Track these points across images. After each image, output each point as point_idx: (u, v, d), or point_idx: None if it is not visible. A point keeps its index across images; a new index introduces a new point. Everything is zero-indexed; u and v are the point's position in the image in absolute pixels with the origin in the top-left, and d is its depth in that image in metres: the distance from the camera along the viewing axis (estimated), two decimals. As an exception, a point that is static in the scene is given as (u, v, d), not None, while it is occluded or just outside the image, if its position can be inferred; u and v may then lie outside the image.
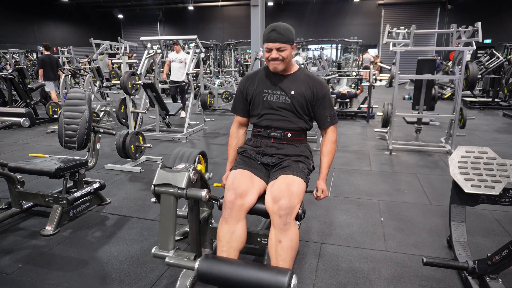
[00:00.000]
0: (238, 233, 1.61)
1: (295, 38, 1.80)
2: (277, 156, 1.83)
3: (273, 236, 1.58)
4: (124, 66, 4.06)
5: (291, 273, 1.38)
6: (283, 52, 1.72)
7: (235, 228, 1.61)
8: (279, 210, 1.57)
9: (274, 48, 1.71)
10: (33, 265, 2.05)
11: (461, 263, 1.74)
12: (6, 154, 4.51)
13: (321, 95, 1.83)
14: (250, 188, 1.68)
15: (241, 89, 1.94)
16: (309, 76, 1.86)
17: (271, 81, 1.85)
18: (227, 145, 2.03)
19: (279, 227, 1.56)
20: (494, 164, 1.98)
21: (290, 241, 1.56)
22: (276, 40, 1.70)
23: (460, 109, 4.36)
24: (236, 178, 1.72)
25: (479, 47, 10.28)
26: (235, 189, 1.65)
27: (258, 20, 10.64)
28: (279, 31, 1.70)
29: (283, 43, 1.70)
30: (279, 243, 1.55)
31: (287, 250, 1.55)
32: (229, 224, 1.62)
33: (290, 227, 1.57)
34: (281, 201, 1.58)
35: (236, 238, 1.61)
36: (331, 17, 19.61)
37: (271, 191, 1.66)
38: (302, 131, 1.88)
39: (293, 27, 1.77)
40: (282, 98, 1.81)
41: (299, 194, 1.65)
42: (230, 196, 1.64)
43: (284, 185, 1.65)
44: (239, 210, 1.62)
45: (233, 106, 2.01)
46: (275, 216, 1.58)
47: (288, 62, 1.79)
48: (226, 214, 1.64)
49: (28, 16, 19.14)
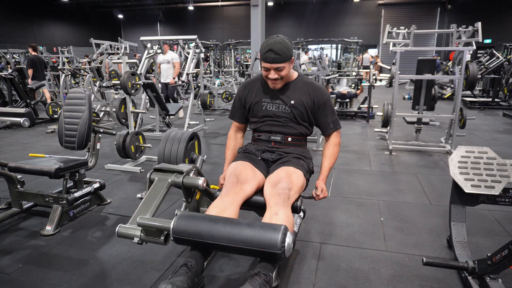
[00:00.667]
0: (229, 212, 1.51)
1: (293, 52, 1.74)
2: (277, 153, 1.83)
3: (268, 213, 1.51)
4: (124, 66, 4.06)
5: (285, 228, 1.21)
6: (282, 71, 1.70)
7: (228, 207, 1.53)
8: (278, 190, 1.54)
9: (272, 68, 1.68)
10: (33, 265, 2.05)
11: (461, 263, 1.74)
12: (6, 154, 4.51)
13: (322, 102, 1.81)
14: (251, 178, 1.67)
15: (240, 96, 1.93)
16: (308, 84, 1.83)
17: (270, 90, 1.82)
18: (225, 147, 2.04)
19: (277, 203, 1.50)
20: (494, 164, 1.98)
21: (287, 216, 1.48)
22: (274, 61, 1.65)
23: (460, 109, 4.36)
24: (238, 167, 1.71)
25: (479, 47, 10.28)
26: (237, 175, 1.64)
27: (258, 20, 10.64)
28: (276, 51, 1.64)
29: (280, 63, 1.66)
30: (275, 215, 1.47)
31: (283, 223, 1.42)
32: (224, 201, 1.55)
33: (287, 206, 1.53)
34: (280, 184, 1.57)
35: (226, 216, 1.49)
36: (331, 17, 19.59)
37: (271, 179, 1.65)
38: (302, 136, 1.88)
39: (293, 27, 1.76)
40: (281, 107, 1.80)
41: (298, 184, 1.64)
42: (232, 179, 1.62)
43: (284, 173, 1.65)
44: (237, 194, 1.59)
45: (231, 113, 2.01)
46: (273, 196, 1.53)
47: (287, 78, 1.77)
48: (223, 192, 1.60)
49: (28, 16, 19.13)
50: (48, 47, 16.20)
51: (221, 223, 1.23)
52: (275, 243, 1.16)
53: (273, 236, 1.16)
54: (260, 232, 1.18)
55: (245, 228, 1.20)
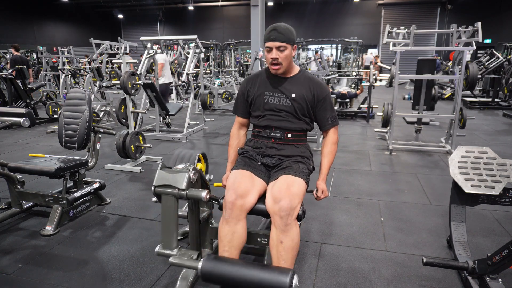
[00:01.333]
0: (239, 233, 1.62)
1: (296, 38, 1.78)
2: (277, 157, 1.83)
3: (274, 236, 1.59)
4: (124, 66, 4.06)
5: (293, 273, 1.40)
6: (283, 51, 1.72)
7: (235, 228, 1.62)
8: (280, 211, 1.57)
9: (274, 47, 1.71)
10: (33, 265, 2.05)
11: (461, 263, 1.74)
12: (6, 154, 4.51)
13: (322, 97, 1.83)
14: (250, 188, 1.68)
15: (243, 90, 1.95)
16: (309, 79, 1.85)
17: (272, 83, 1.84)
18: (228, 146, 2.04)
19: (280, 228, 1.57)
20: (494, 164, 1.98)
21: (292, 241, 1.57)
22: (276, 39, 1.69)
23: (460, 109, 4.36)
24: (236, 179, 1.72)
25: (479, 47, 10.28)
26: (236, 190, 1.65)
27: (258, 20, 10.65)
28: (279, 30, 1.69)
29: (283, 42, 1.70)
30: (281, 244, 1.56)
31: (288, 250, 1.56)
32: (230, 224, 1.63)
33: (291, 227, 1.57)
34: (281, 202, 1.58)
35: (237, 237, 1.62)
36: (331, 17, 19.60)
37: (272, 191, 1.66)
38: (302, 132, 1.88)
39: (293, 27, 1.77)
40: (282, 100, 1.81)
41: (299, 194, 1.65)
42: (230, 197, 1.64)
43: (285, 185, 1.65)
44: (240, 210, 1.63)
45: (234, 107, 2.02)
46: (276, 217, 1.58)
47: (288, 64, 1.78)
48: (226, 215, 1.64)
49: (28, 16, 19.13)
50: (48, 47, 16.20)
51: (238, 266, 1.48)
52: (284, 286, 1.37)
53: (281, 279, 1.38)
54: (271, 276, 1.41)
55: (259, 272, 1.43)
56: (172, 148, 4.81)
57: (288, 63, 1.77)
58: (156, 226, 2.54)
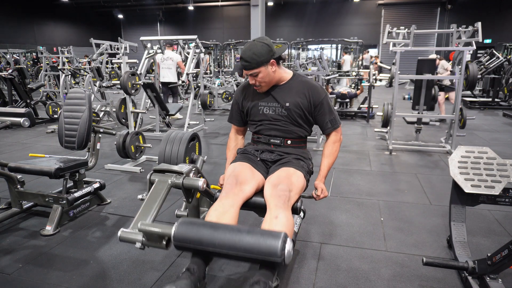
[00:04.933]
0: (229, 215, 1.52)
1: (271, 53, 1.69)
2: (277, 153, 1.83)
3: (268, 215, 1.50)
4: (124, 66, 4.05)
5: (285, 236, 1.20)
6: (258, 76, 1.71)
7: (228, 209, 1.53)
8: (278, 191, 1.55)
9: (248, 74, 1.72)
10: (33, 265, 2.05)
11: (461, 263, 1.74)
12: (6, 154, 4.51)
13: (318, 102, 1.79)
14: (250, 178, 1.67)
15: (237, 100, 1.94)
16: (303, 83, 1.81)
17: (266, 92, 1.82)
18: (226, 148, 2.04)
19: (277, 205, 1.50)
20: (494, 164, 1.98)
21: (287, 219, 1.48)
22: (246, 67, 1.70)
23: (460, 109, 4.36)
24: (236, 168, 1.72)
25: (479, 47, 10.27)
26: (236, 176, 1.65)
27: (258, 20, 10.65)
28: (246, 59, 1.68)
29: (252, 69, 1.69)
30: (275, 218, 1.47)
31: (283, 227, 1.44)
32: (223, 204, 1.55)
33: (287, 208, 1.53)
34: (280, 185, 1.57)
35: (227, 219, 1.50)
36: (331, 17, 19.58)
37: (270, 180, 1.65)
38: (301, 138, 1.88)
39: (293, 27, 1.75)
40: (278, 110, 1.80)
41: (298, 185, 1.64)
42: (231, 181, 1.63)
43: (284, 174, 1.65)
44: (236, 195, 1.59)
45: (230, 116, 2.01)
46: (274, 198, 1.53)
47: (270, 80, 1.76)
48: (223, 194, 1.60)
49: (28, 16, 19.13)
50: (48, 47, 16.20)
51: (221, 230, 1.24)
52: (275, 251, 1.16)
53: (273, 243, 1.16)
54: (260, 240, 1.18)
55: (245, 236, 1.20)
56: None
57: (269, 80, 1.75)
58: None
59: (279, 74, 1.78)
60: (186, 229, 1.27)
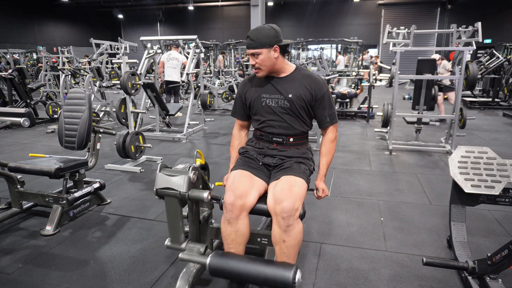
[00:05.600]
0: (241, 231, 1.66)
1: (277, 38, 1.70)
2: (278, 157, 1.83)
3: (277, 234, 1.61)
4: (124, 66, 4.05)
5: (296, 268, 1.47)
6: (258, 57, 1.71)
7: (237, 227, 1.65)
8: (282, 212, 1.57)
9: (250, 54, 1.72)
10: (33, 265, 2.05)
11: (461, 263, 1.74)
12: (6, 154, 4.51)
13: (320, 95, 1.80)
14: (249, 189, 1.69)
15: (240, 93, 1.94)
16: (307, 76, 1.82)
17: (269, 84, 1.82)
18: (230, 146, 2.04)
19: (283, 228, 1.58)
20: (494, 164, 1.98)
21: (294, 240, 1.60)
22: (249, 46, 1.70)
23: (460, 109, 4.36)
24: (235, 180, 1.72)
25: (479, 47, 10.27)
26: (234, 191, 1.66)
27: (258, 20, 10.65)
28: (251, 37, 1.69)
29: (254, 48, 1.69)
30: (283, 242, 1.60)
31: (290, 248, 1.61)
32: (232, 224, 1.65)
33: (293, 227, 1.58)
34: (283, 203, 1.58)
35: (240, 235, 1.66)
36: (331, 17, 19.58)
37: (273, 192, 1.65)
38: (303, 134, 1.88)
39: (293, 27, 1.75)
40: (280, 102, 1.79)
41: (301, 195, 1.65)
42: (229, 198, 1.64)
43: (287, 186, 1.65)
44: (240, 210, 1.64)
45: (233, 110, 2.01)
46: (278, 218, 1.59)
47: (271, 66, 1.75)
48: (227, 216, 1.65)
49: (28, 16, 19.13)
50: (48, 47, 16.22)
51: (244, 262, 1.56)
52: (288, 281, 1.44)
53: (285, 274, 1.45)
54: (275, 271, 1.48)
55: (264, 268, 1.50)
56: (172, 148, 4.81)
57: (270, 65, 1.74)
58: (156, 226, 2.54)
59: (281, 63, 1.78)
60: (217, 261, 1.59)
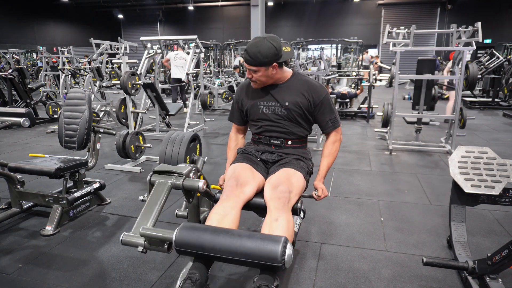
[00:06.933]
0: (231, 217, 1.51)
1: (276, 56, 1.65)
2: (277, 154, 1.83)
3: (268, 218, 1.50)
4: (124, 66, 4.05)
5: (285, 240, 1.21)
6: (256, 73, 1.70)
7: (229, 212, 1.53)
8: (278, 193, 1.55)
9: (247, 68, 1.71)
10: (33, 265, 2.05)
11: (461, 263, 1.74)
12: (6, 154, 4.51)
13: (319, 101, 1.77)
14: (250, 179, 1.67)
15: (237, 99, 1.94)
16: (304, 83, 1.79)
17: (265, 91, 1.81)
18: (226, 147, 2.04)
19: (277, 207, 1.50)
20: (494, 164, 1.98)
21: (287, 222, 1.47)
22: (247, 61, 1.68)
23: (460, 109, 4.36)
24: (237, 170, 1.71)
25: (479, 47, 10.27)
26: (236, 178, 1.65)
27: (258, 20, 10.65)
28: (250, 54, 1.65)
29: (253, 66, 1.67)
30: (275, 221, 1.46)
31: (283, 230, 1.43)
32: (224, 206, 1.55)
33: (287, 210, 1.53)
34: (280, 187, 1.57)
35: (228, 222, 1.49)
36: (331, 17, 19.58)
37: (271, 181, 1.64)
38: (302, 138, 1.87)
39: (293, 27, 1.75)
40: (277, 110, 1.78)
41: (298, 187, 1.64)
42: (231, 183, 1.63)
43: (284, 175, 1.64)
44: (237, 197, 1.59)
45: (230, 115, 2.01)
46: (274, 200, 1.53)
47: (267, 80, 1.74)
48: (223, 196, 1.60)
49: (28, 16, 19.12)
50: (48, 47, 16.20)
51: (222, 235, 1.25)
52: (275, 255, 1.17)
53: (273, 248, 1.17)
54: (260, 245, 1.19)
55: (246, 241, 1.21)
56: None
57: (265, 80, 1.74)
58: (156, 226, 2.53)
59: (279, 74, 1.76)
60: (187, 234, 1.28)
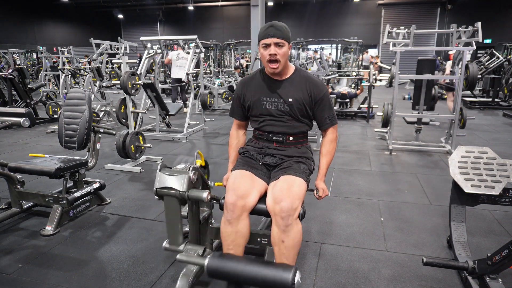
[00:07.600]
0: (242, 231, 1.65)
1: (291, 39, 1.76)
2: (278, 157, 1.83)
3: (276, 235, 1.60)
4: (124, 66, 4.06)
5: (295, 270, 1.45)
6: (282, 48, 1.68)
7: (238, 228, 1.64)
8: (281, 212, 1.57)
9: (272, 43, 1.67)
10: (33, 265, 2.05)
11: (461, 263, 1.74)
12: (6, 154, 4.51)
13: (319, 97, 1.79)
14: (250, 189, 1.68)
15: (238, 94, 1.92)
16: (306, 78, 1.81)
17: (268, 87, 1.81)
18: (228, 146, 2.04)
19: (282, 228, 1.58)
20: (494, 164, 1.98)
21: (293, 240, 1.59)
22: (274, 35, 1.66)
23: (460, 109, 4.36)
24: (236, 179, 1.71)
25: (479, 47, 10.27)
26: (235, 190, 1.65)
27: (258, 20, 10.63)
28: (277, 27, 1.67)
29: (281, 38, 1.67)
30: (282, 243, 1.59)
31: (289, 249, 1.59)
32: (232, 225, 1.64)
33: (292, 227, 1.58)
34: (282, 202, 1.58)
35: (240, 236, 1.65)
36: (331, 17, 19.60)
37: (273, 192, 1.65)
38: (303, 134, 1.88)
39: (293, 27, 1.76)
40: (280, 106, 1.79)
41: (300, 195, 1.65)
42: (231, 198, 1.64)
43: (286, 186, 1.65)
44: (241, 211, 1.64)
45: (231, 110, 2.00)
46: (277, 217, 1.59)
47: (285, 62, 1.76)
48: (228, 216, 1.64)
49: (28, 16, 19.13)
50: (48, 47, 16.21)
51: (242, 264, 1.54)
52: (287, 283, 1.42)
53: (284, 276, 1.43)
54: (274, 273, 1.46)
55: (263, 269, 1.49)
56: (172, 148, 4.81)
57: (285, 61, 1.75)
58: (156, 226, 2.54)
59: (287, 63, 1.79)
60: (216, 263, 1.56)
